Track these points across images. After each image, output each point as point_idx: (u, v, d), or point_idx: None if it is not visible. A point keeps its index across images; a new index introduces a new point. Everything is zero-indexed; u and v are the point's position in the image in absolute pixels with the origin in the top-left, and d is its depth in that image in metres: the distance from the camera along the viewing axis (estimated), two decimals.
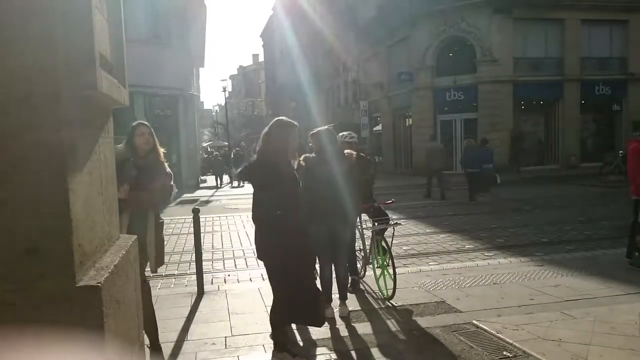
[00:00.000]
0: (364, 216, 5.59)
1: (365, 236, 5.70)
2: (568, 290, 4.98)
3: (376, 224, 5.30)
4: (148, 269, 3.70)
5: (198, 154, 26.16)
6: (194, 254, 5.96)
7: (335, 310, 4.52)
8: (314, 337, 4.09)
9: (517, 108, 21.28)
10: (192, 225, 5.80)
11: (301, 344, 3.98)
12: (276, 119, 3.77)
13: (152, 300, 3.83)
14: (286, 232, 3.45)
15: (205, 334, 4.17)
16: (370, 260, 5.49)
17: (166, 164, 3.82)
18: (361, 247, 5.76)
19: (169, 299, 5.19)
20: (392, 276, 4.88)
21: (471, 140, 14.60)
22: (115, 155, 3.41)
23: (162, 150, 3.81)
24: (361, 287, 5.45)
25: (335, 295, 4.60)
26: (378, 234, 5.23)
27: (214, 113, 61.32)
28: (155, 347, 3.72)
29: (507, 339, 3.76)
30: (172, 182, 3.75)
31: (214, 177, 24.61)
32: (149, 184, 3.57)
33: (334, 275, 4.58)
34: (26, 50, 1.71)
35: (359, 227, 5.53)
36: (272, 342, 3.92)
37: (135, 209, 3.49)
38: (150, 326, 3.62)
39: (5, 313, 1.71)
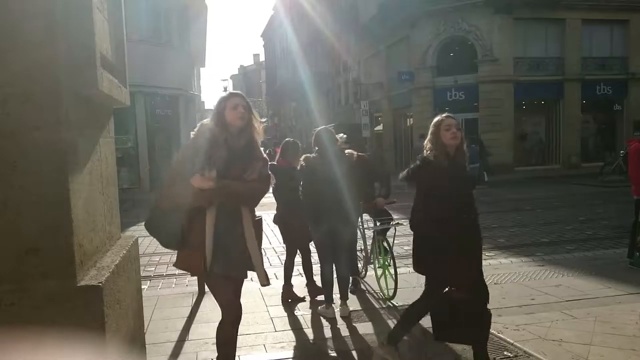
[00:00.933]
0: (366, 216, 5.57)
1: (366, 236, 5.69)
2: (569, 290, 4.97)
3: (378, 223, 5.28)
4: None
5: None
6: None
7: (336, 310, 4.52)
8: (314, 336, 4.10)
9: (517, 108, 21.26)
10: None
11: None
12: (441, 116, 3.27)
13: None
14: (454, 238, 3.06)
15: (206, 333, 4.17)
16: (372, 260, 5.48)
17: (261, 148, 3.07)
18: (362, 247, 5.75)
19: (170, 299, 5.19)
20: (394, 276, 4.87)
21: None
22: (203, 132, 2.83)
23: (259, 127, 3.00)
24: (362, 287, 5.45)
25: (336, 295, 4.59)
26: (380, 234, 5.22)
27: None
28: None
29: (508, 339, 3.75)
30: (269, 171, 3.00)
31: None
32: (243, 171, 2.82)
33: (335, 275, 4.58)
34: (27, 50, 1.71)
35: (360, 226, 5.52)
36: (272, 341, 3.92)
37: (224, 203, 2.78)
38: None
39: (5, 313, 1.70)
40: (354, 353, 3.76)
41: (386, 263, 5.06)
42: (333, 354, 3.77)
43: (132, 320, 2.48)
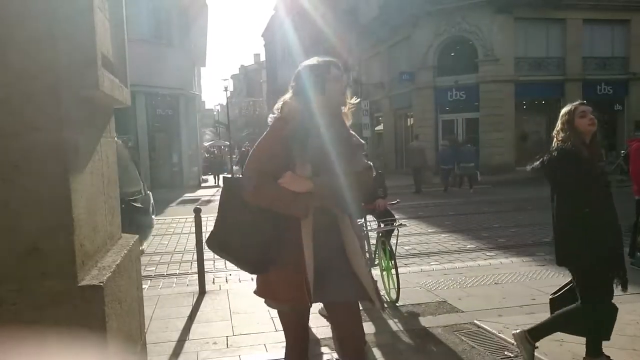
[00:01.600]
0: (370, 217, 5.55)
1: (370, 237, 5.65)
2: None
3: (382, 224, 5.24)
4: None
5: (199, 154, 26.25)
6: (195, 254, 5.97)
7: None
8: (314, 336, 4.09)
9: (518, 108, 21.27)
10: (193, 224, 5.80)
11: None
12: (572, 104, 3.16)
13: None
14: (596, 233, 2.95)
15: (206, 333, 4.18)
16: (376, 263, 5.45)
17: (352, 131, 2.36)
18: (365, 249, 5.71)
19: (171, 299, 5.19)
20: (395, 280, 4.84)
21: (446, 142, 17.27)
22: (291, 114, 2.19)
23: (350, 102, 2.32)
24: None
25: None
26: (383, 236, 5.18)
27: (215, 113, 61.34)
28: None
29: (508, 339, 3.75)
30: (367, 160, 2.32)
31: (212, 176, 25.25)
32: (343, 163, 2.15)
33: None
34: (28, 50, 1.71)
35: (364, 228, 5.48)
36: (273, 341, 3.92)
37: (321, 206, 2.13)
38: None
39: (6, 313, 1.71)
40: None
41: (389, 265, 5.04)
42: (333, 354, 3.77)
43: (133, 320, 2.49)
